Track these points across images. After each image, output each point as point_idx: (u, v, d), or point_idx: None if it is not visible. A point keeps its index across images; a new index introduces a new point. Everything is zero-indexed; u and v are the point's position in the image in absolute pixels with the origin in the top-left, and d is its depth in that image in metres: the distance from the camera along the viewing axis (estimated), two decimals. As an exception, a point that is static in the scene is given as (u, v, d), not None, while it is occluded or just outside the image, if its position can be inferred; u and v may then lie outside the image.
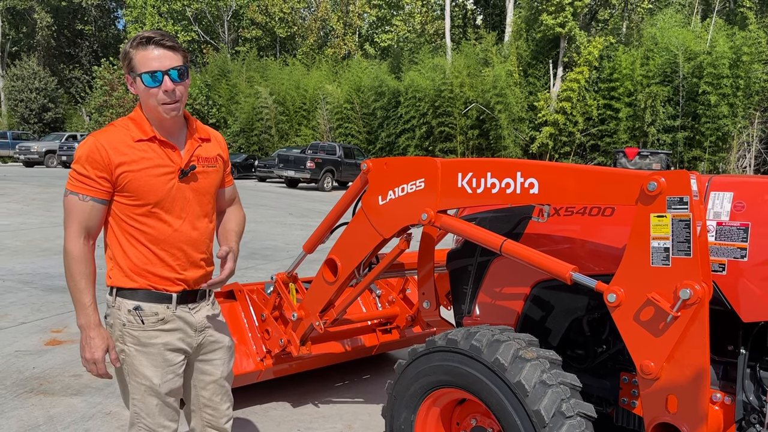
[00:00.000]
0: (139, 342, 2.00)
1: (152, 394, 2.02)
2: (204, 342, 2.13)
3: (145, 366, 2.01)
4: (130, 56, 1.92)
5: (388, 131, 27.68)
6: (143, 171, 1.94)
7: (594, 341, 2.63)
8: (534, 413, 2.06)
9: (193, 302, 2.09)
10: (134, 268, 1.99)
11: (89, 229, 1.93)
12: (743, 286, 2.10)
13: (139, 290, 1.99)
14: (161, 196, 1.97)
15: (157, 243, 1.99)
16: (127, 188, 1.93)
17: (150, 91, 1.91)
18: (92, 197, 1.91)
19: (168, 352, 2.03)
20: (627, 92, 23.20)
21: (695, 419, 1.99)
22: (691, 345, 1.94)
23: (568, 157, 24.97)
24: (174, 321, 2.03)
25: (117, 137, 1.94)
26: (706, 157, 22.02)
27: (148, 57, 1.90)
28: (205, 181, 2.08)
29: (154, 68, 1.89)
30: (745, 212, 2.12)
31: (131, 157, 1.93)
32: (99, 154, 1.89)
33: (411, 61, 29.75)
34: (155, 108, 1.94)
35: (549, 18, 24.54)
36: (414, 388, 2.48)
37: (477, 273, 2.91)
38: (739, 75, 21.47)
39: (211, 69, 37.00)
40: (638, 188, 2.00)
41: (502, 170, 2.38)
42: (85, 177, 1.90)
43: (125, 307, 2.00)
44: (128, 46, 1.94)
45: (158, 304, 2.01)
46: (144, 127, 1.97)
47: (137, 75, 1.91)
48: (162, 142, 1.98)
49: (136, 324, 2.00)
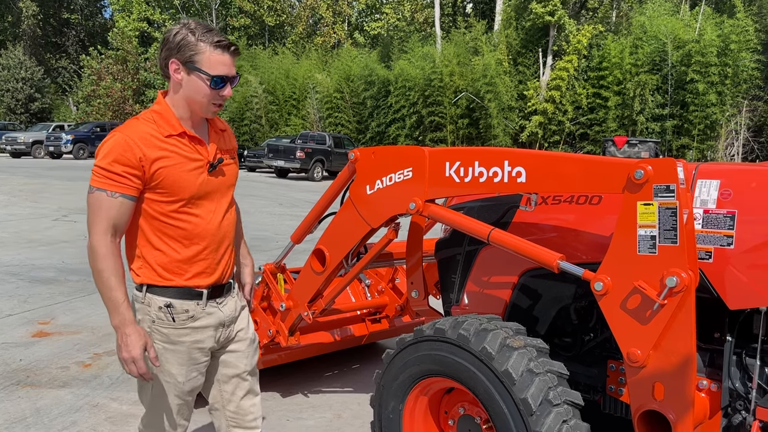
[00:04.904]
0: (168, 339, 1.98)
1: (174, 393, 2.01)
2: (230, 335, 2.11)
3: (171, 363, 1.99)
4: (196, 48, 1.87)
5: (379, 121, 27.60)
6: (176, 166, 1.91)
7: (581, 329, 2.64)
8: (521, 401, 2.06)
9: (221, 296, 2.07)
10: (166, 264, 1.96)
11: (117, 227, 1.87)
12: (730, 274, 2.10)
13: (169, 287, 1.96)
14: (194, 191, 1.94)
15: (189, 238, 1.96)
16: (162, 184, 1.89)
17: (209, 92, 1.91)
18: (122, 194, 1.85)
19: (195, 351, 2.01)
20: (616, 81, 23.22)
21: (682, 406, 2.00)
22: (678, 333, 1.95)
23: (557, 146, 25.01)
24: (204, 318, 2.01)
25: (147, 132, 1.89)
26: (694, 146, 22.13)
27: (221, 61, 1.89)
28: (229, 173, 2.08)
29: (223, 73, 1.90)
30: (732, 200, 2.12)
31: (165, 153, 1.89)
32: (131, 150, 1.84)
33: (401, 49, 29.63)
34: (203, 105, 1.93)
35: (538, 6, 24.49)
36: (402, 377, 2.48)
37: (465, 262, 2.90)
38: (727, 63, 21.54)
39: (200, 58, 36.65)
40: (625, 176, 2.00)
41: (489, 159, 2.37)
42: (113, 173, 1.84)
43: (156, 303, 1.96)
44: (196, 37, 1.87)
45: (189, 300, 1.98)
46: (171, 121, 1.94)
47: (200, 71, 1.88)
48: (191, 137, 1.96)
49: (167, 321, 1.97)
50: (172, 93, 1.96)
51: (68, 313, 5.38)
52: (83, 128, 29.50)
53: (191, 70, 1.88)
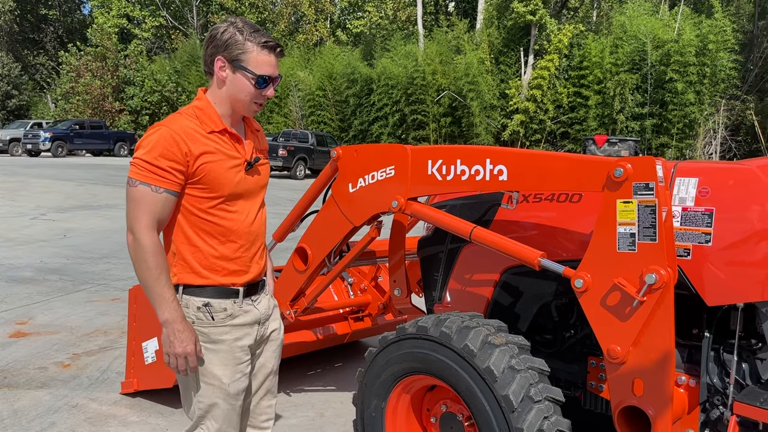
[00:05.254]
0: (209, 339, 1.95)
1: (220, 397, 1.97)
2: (265, 332, 2.10)
3: (214, 365, 1.95)
4: (243, 48, 1.87)
5: (361, 119, 27.56)
6: (219, 163, 1.91)
7: (562, 326, 2.66)
8: (503, 398, 2.07)
9: (256, 294, 2.06)
10: (204, 263, 1.94)
11: (161, 222, 1.87)
12: (708, 271, 2.13)
13: (207, 287, 1.94)
14: (232, 188, 1.94)
15: (225, 235, 1.95)
16: (203, 180, 1.89)
17: (253, 91, 1.92)
18: (166, 189, 1.84)
19: (237, 350, 1.98)
20: (596, 80, 23.41)
21: (661, 402, 2.02)
22: (657, 329, 1.97)
23: (539, 145, 25.17)
24: (241, 316, 1.99)
25: (190, 128, 1.89)
26: (673, 144, 22.39)
27: (267, 62, 1.91)
28: (263, 173, 2.08)
29: (268, 73, 1.91)
30: (710, 198, 2.15)
31: (209, 149, 1.89)
32: (177, 145, 1.83)
33: (383, 48, 29.59)
34: (246, 104, 1.94)
35: (520, 6, 24.60)
36: (385, 375, 2.48)
37: (447, 260, 2.91)
38: (706, 63, 21.81)
39: (180, 55, 36.37)
40: (605, 174, 2.02)
41: (471, 157, 2.38)
42: (158, 168, 1.82)
43: (194, 304, 1.94)
44: (244, 37, 1.87)
45: (226, 299, 1.97)
46: (213, 118, 1.93)
47: (246, 70, 1.88)
48: (231, 135, 1.96)
49: (206, 321, 1.94)
50: (214, 89, 1.96)
51: (46, 312, 5.31)
52: (62, 126, 29.08)
53: (237, 68, 1.89)
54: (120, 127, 33.22)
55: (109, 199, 13.68)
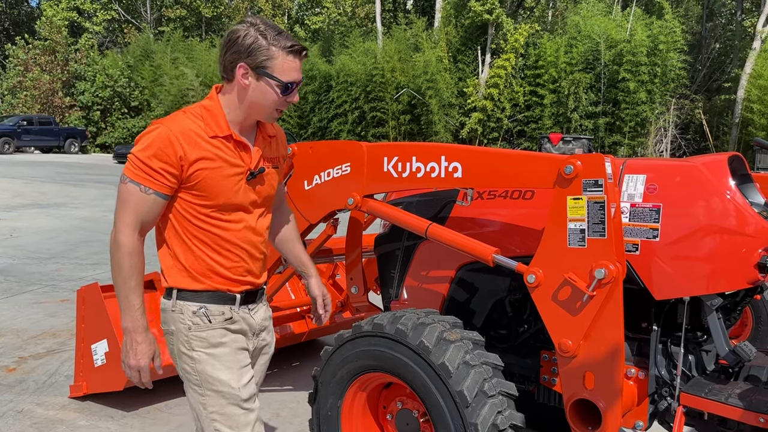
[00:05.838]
0: (209, 344, 1.84)
1: (233, 402, 1.84)
2: (258, 345, 2.01)
3: (219, 369, 1.84)
4: (269, 53, 1.75)
5: (320, 116, 27.41)
6: (216, 170, 1.79)
7: (516, 321, 2.69)
8: (457, 393, 2.08)
9: (253, 303, 1.97)
10: (199, 268, 1.84)
11: (145, 224, 1.76)
12: (655, 265, 2.18)
13: (203, 292, 1.85)
14: (228, 197, 1.82)
15: (221, 245, 1.84)
16: (198, 186, 1.78)
17: (277, 99, 1.80)
18: (155, 191, 1.74)
19: (239, 351, 1.89)
20: (551, 79, 23.80)
21: (611, 394, 2.07)
22: (607, 323, 2.01)
23: (496, 143, 25.48)
24: (239, 322, 1.90)
25: (192, 129, 1.77)
26: (625, 142, 22.94)
27: (294, 67, 1.80)
28: (269, 182, 1.95)
29: (294, 79, 1.80)
30: (657, 194, 2.20)
31: (208, 154, 1.77)
32: (172, 147, 1.72)
33: (342, 44, 29.47)
34: (267, 111, 1.83)
35: (477, 4, 24.84)
36: (341, 373, 2.46)
37: (404, 257, 2.91)
38: (656, 63, 22.41)
39: (133, 50, 35.49)
40: (555, 172, 2.05)
41: (427, 154, 2.39)
42: (150, 168, 1.72)
43: (189, 309, 1.84)
44: (268, 41, 1.75)
45: (223, 305, 1.86)
46: (220, 122, 1.81)
47: (272, 77, 1.76)
48: (237, 142, 1.83)
49: (204, 324, 1.84)
50: (231, 94, 1.82)
51: (-9, 315, 5.12)
52: (8, 122, 28.10)
53: (262, 75, 1.77)
54: (70, 123, 32.32)
55: (58, 197, 13.27)
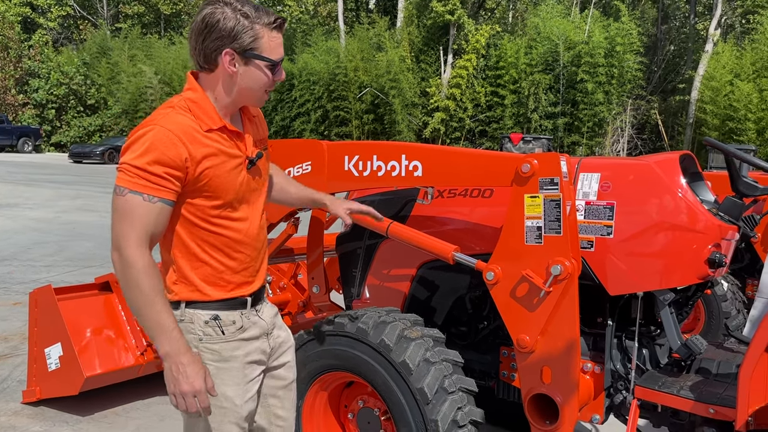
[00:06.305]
0: (220, 357, 1.72)
1: (232, 420, 1.74)
2: (274, 345, 1.90)
3: (227, 385, 1.73)
4: (254, 33, 1.60)
5: (283, 114, 27.21)
6: (222, 165, 1.65)
7: (476, 318, 2.72)
8: (418, 390, 2.10)
9: (259, 303, 1.85)
10: (208, 278, 1.71)
11: (154, 236, 1.59)
12: (610, 262, 2.24)
13: (212, 302, 1.72)
14: (235, 191, 1.69)
15: (233, 247, 1.72)
16: (207, 186, 1.63)
17: (267, 80, 1.67)
18: (161, 198, 1.56)
19: (247, 366, 1.78)
20: (512, 80, 24.11)
21: (567, 389, 2.11)
22: (563, 318, 2.06)
23: (458, 142, 25.69)
24: (250, 329, 1.78)
25: (190, 126, 1.61)
26: (584, 142, 23.39)
27: (279, 43, 1.65)
28: (264, 167, 1.83)
29: (281, 55, 1.67)
30: (611, 192, 2.26)
31: (211, 150, 1.63)
32: (176, 148, 1.56)
33: (304, 43, 29.31)
34: (258, 95, 1.70)
35: (439, 5, 24.99)
36: (302, 374, 2.44)
37: (366, 256, 2.92)
38: (614, 64, 22.91)
39: (89, 46, 34.68)
40: (513, 170, 2.08)
41: (387, 153, 2.40)
42: (153, 175, 1.54)
43: (200, 318, 1.71)
44: (251, 20, 1.60)
45: (234, 311, 1.75)
46: (211, 114, 1.66)
47: (262, 58, 1.63)
48: (231, 132, 1.70)
49: (216, 336, 1.71)
50: (215, 83, 1.67)
51: (-61, 320, 4.94)
52: (-42, 120, 27.23)
53: (251, 58, 1.63)
54: (24, 122, 31.41)
55: (9, 197, 12.87)
